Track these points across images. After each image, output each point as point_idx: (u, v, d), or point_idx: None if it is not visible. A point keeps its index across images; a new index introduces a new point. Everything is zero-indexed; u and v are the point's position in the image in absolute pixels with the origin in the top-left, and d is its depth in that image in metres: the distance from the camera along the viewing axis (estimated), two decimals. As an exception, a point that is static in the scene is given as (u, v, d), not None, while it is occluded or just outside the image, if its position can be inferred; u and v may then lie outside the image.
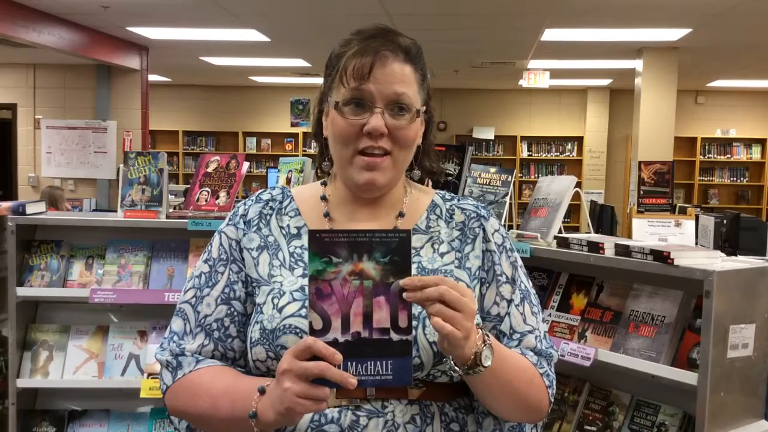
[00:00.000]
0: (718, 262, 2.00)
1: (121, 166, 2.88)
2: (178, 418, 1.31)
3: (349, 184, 1.30)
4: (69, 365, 2.80)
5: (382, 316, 1.08)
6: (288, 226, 1.33)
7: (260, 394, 1.12)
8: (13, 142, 9.32)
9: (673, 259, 1.95)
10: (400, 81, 1.24)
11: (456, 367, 1.13)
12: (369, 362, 1.07)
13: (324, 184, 1.38)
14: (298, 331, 1.19)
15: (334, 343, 1.06)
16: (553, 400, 1.29)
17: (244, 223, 1.33)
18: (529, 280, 1.36)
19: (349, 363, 1.06)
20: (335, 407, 1.18)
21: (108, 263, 2.82)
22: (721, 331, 1.88)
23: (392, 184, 1.31)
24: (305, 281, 1.23)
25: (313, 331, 1.07)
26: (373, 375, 1.07)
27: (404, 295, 1.07)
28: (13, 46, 7.25)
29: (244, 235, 1.32)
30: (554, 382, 1.30)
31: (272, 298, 1.24)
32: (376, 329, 1.08)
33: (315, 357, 1.05)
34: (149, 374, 2.73)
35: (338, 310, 1.08)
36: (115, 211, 2.90)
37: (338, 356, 1.04)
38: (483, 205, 1.39)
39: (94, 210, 8.03)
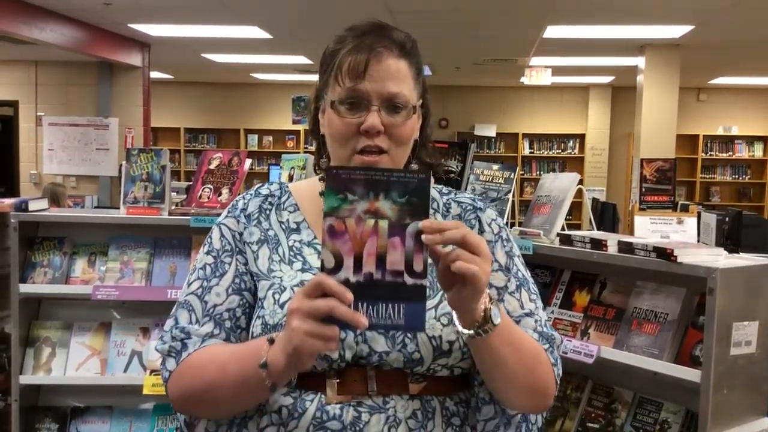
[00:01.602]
0: (721, 259, 2.00)
1: (124, 163, 2.88)
2: (179, 411, 1.28)
3: None
4: (71, 362, 2.80)
5: (396, 258, 1.04)
6: (287, 220, 1.33)
7: (269, 344, 1.10)
8: (15, 139, 9.32)
9: (676, 257, 1.95)
10: (395, 78, 1.24)
11: (465, 330, 1.10)
12: (380, 304, 1.04)
13: (322, 179, 1.37)
14: None
15: (345, 283, 1.03)
16: (559, 381, 1.27)
17: (245, 217, 1.32)
18: (528, 270, 1.35)
19: (360, 304, 1.03)
20: (337, 404, 1.17)
21: (110, 260, 2.82)
22: (724, 328, 1.88)
23: None
24: (304, 276, 1.24)
25: (324, 270, 1.04)
26: (384, 318, 1.04)
27: (423, 237, 1.03)
28: (15, 43, 7.26)
29: (245, 228, 1.31)
30: (559, 362, 1.28)
31: (273, 293, 1.23)
32: (390, 271, 1.04)
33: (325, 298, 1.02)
34: (152, 371, 2.73)
35: (351, 249, 1.04)
36: (117, 208, 2.90)
37: (349, 295, 1.01)
38: (480, 197, 1.39)
39: (95, 207, 8.03)
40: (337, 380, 1.17)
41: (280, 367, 1.07)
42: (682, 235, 3.60)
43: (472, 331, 1.10)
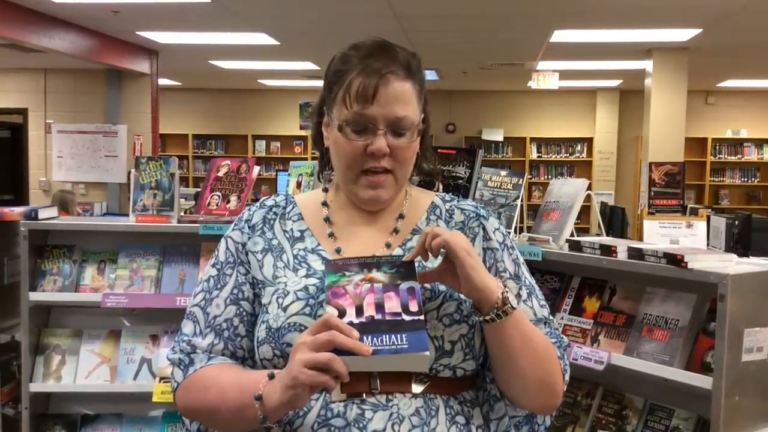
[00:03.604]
0: (731, 264, 1.99)
1: (133, 170, 2.89)
2: (189, 419, 1.33)
3: (353, 198, 1.35)
4: (81, 369, 2.81)
5: (393, 305, 1.14)
6: (291, 229, 1.37)
7: (269, 379, 1.16)
8: (25, 147, 9.37)
9: (686, 263, 1.94)
10: (401, 102, 1.28)
11: (485, 317, 1.19)
12: (384, 336, 1.11)
13: (325, 190, 1.42)
14: (302, 328, 1.22)
15: (348, 324, 1.11)
16: (567, 381, 1.31)
17: (249, 227, 1.37)
18: (532, 277, 1.38)
19: (364, 337, 1.10)
20: (341, 401, 1.20)
21: (120, 268, 2.83)
22: (735, 334, 1.86)
23: (394, 197, 1.36)
24: (309, 281, 1.28)
25: None
26: (387, 345, 1.10)
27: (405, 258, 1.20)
28: (24, 51, 7.30)
29: (249, 238, 1.35)
30: (568, 365, 1.32)
31: (277, 298, 1.27)
32: (389, 313, 1.13)
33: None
34: (161, 378, 2.74)
35: (352, 303, 1.14)
36: (126, 215, 2.91)
37: (355, 332, 1.09)
38: (482, 205, 1.42)
39: (104, 213, 8.06)
40: None
41: (274, 402, 1.13)
42: (691, 239, 3.59)
43: (491, 315, 1.18)
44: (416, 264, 1.22)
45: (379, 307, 1.13)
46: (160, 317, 2.82)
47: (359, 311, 1.12)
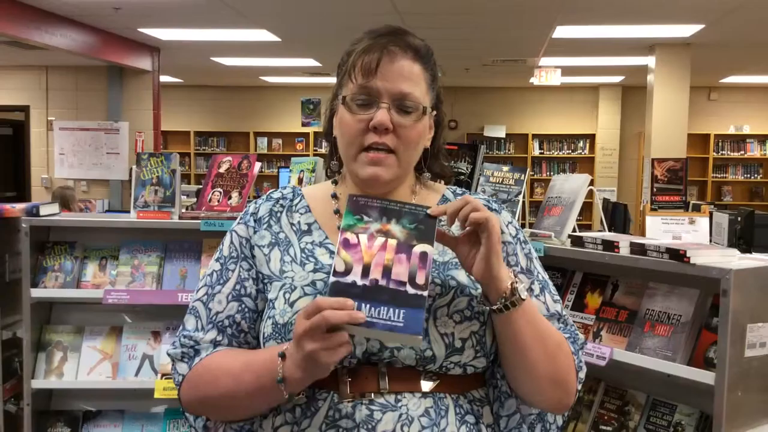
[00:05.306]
0: (734, 260, 1.98)
1: (134, 167, 2.89)
2: (194, 416, 1.30)
3: (355, 180, 1.32)
4: (83, 366, 2.81)
5: (401, 270, 1.13)
6: (299, 222, 1.34)
7: (282, 360, 1.14)
8: (27, 144, 9.38)
9: (689, 258, 1.94)
10: (407, 78, 1.25)
11: (493, 306, 1.17)
12: (382, 307, 1.10)
13: (335, 182, 1.39)
14: None
15: (352, 285, 1.11)
16: (581, 379, 1.28)
17: (255, 221, 1.34)
18: (546, 272, 1.36)
19: (363, 304, 1.10)
20: (349, 402, 1.18)
21: (121, 264, 2.83)
22: (738, 329, 1.86)
23: (397, 181, 1.31)
24: (316, 276, 1.25)
25: (335, 273, 1.12)
26: (384, 319, 1.10)
27: (429, 211, 1.17)
28: (25, 48, 7.30)
29: (255, 232, 1.33)
30: (583, 362, 1.29)
31: (284, 293, 1.25)
32: (394, 281, 1.12)
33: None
34: (163, 374, 2.74)
35: (361, 259, 1.13)
36: (128, 212, 2.91)
37: (349, 302, 1.08)
38: (494, 199, 1.40)
39: (106, 211, 8.06)
40: (349, 378, 1.19)
41: (297, 380, 1.13)
42: (694, 236, 3.57)
43: (499, 304, 1.16)
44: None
45: (387, 270, 1.12)
46: (162, 314, 2.82)
47: (366, 269, 1.12)
